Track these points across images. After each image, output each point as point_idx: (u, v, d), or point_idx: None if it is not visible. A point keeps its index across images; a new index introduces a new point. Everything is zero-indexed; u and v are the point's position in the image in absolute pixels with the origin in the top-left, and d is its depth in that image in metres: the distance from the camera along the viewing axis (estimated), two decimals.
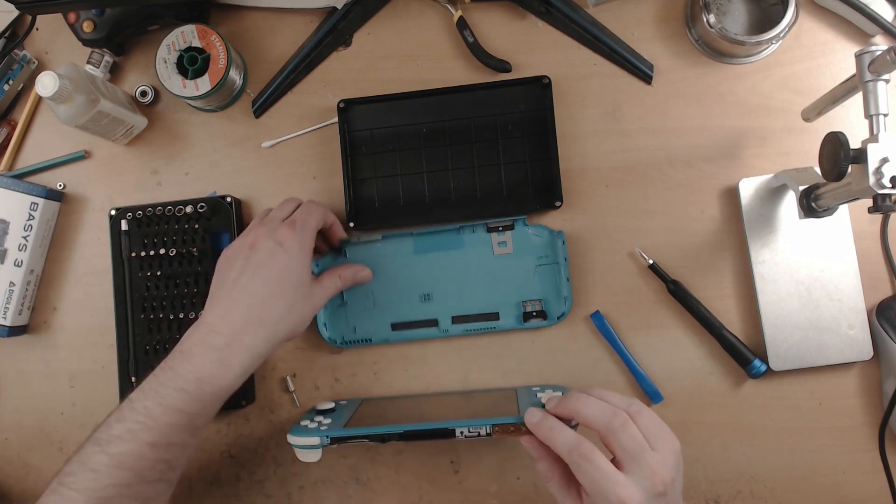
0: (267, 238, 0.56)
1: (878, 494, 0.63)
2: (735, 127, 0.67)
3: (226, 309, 0.55)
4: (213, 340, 0.53)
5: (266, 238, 0.56)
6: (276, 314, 0.55)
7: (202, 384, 0.52)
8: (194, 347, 0.54)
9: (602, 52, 0.68)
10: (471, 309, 0.66)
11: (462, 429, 0.55)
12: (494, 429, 0.55)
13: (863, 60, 0.51)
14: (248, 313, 0.54)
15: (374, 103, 0.68)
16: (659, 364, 0.66)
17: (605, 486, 0.47)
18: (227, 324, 0.54)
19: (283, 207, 0.61)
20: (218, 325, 0.54)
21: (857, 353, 0.63)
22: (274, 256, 0.55)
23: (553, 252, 0.66)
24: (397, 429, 0.56)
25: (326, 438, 0.57)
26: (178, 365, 0.53)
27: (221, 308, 0.55)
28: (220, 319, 0.54)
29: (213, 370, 0.53)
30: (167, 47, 0.66)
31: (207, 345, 0.53)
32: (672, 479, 0.48)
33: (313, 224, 0.59)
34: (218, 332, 0.53)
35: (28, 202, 0.69)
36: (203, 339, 0.54)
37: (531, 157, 0.67)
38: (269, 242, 0.56)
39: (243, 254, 0.56)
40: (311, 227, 0.58)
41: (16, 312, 0.69)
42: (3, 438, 0.72)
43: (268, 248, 0.56)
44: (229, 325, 0.54)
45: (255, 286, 0.55)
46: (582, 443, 0.49)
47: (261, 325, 0.54)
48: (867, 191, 0.49)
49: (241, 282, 0.55)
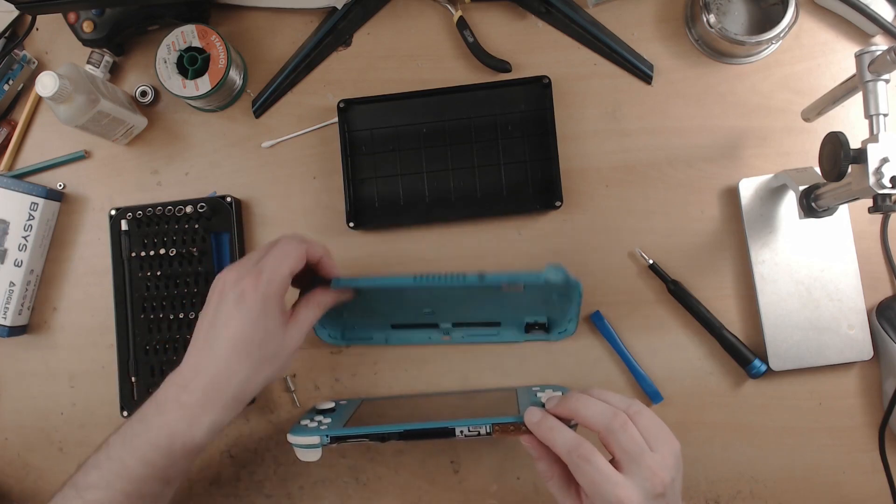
0: (231, 289, 0.53)
1: (878, 494, 0.63)
2: (735, 127, 0.67)
3: (196, 363, 0.53)
4: (185, 398, 0.52)
5: (231, 288, 0.53)
6: (240, 377, 0.53)
7: (173, 440, 0.52)
8: (168, 402, 0.53)
9: (602, 52, 0.68)
10: (473, 319, 0.66)
11: (462, 428, 0.55)
12: (494, 428, 0.55)
13: (863, 60, 0.51)
14: (215, 374, 0.53)
15: (374, 103, 0.68)
16: (659, 364, 0.66)
17: (604, 487, 0.47)
18: (197, 381, 0.53)
19: (264, 246, 0.56)
20: (190, 380, 0.53)
21: (857, 353, 0.63)
22: (234, 314, 0.52)
23: (567, 295, 0.62)
24: (397, 428, 0.56)
25: (326, 438, 0.57)
26: (153, 417, 0.53)
27: (193, 360, 0.54)
28: (192, 374, 0.53)
29: (183, 428, 0.52)
30: (167, 47, 0.66)
31: (179, 401, 0.52)
32: (671, 480, 0.48)
33: (284, 272, 0.54)
34: (189, 390, 0.53)
35: (28, 202, 0.69)
36: (177, 394, 0.53)
37: (531, 157, 0.67)
38: (232, 295, 0.53)
39: (213, 301, 0.54)
40: (280, 275, 0.53)
41: (16, 312, 0.69)
42: (3, 438, 0.72)
43: (229, 301, 0.53)
44: (199, 383, 0.53)
45: (218, 347, 0.53)
46: (581, 443, 0.49)
47: (228, 386, 0.53)
48: (867, 191, 0.49)
49: (210, 336, 0.53)
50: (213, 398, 0.53)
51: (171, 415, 0.52)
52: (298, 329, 0.56)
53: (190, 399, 0.52)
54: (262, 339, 0.53)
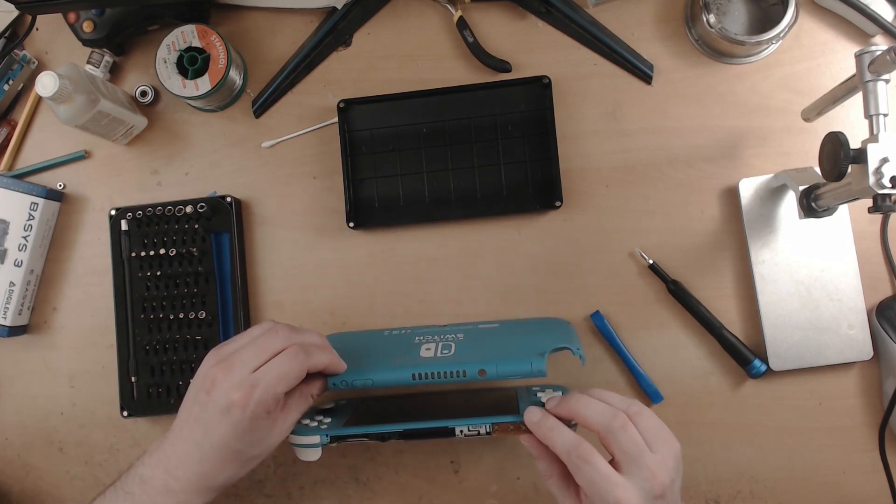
0: (222, 395, 0.50)
1: (878, 494, 0.63)
2: (735, 127, 0.67)
3: (185, 452, 0.52)
4: (172, 484, 0.52)
5: (221, 395, 0.51)
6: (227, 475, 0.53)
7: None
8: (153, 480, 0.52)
9: (602, 52, 0.68)
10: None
11: (462, 428, 0.55)
12: (494, 427, 0.55)
13: (863, 60, 0.51)
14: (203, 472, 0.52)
15: (374, 103, 0.68)
16: (659, 364, 0.66)
17: (604, 488, 0.47)
18: (185, 472, 0.52)
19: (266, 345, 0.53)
20: (177, 468, 0.52)
21: (857, 353, 0.63)
22: (221, 423, 0.51)
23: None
24: (397, 428, 0.56)
25: (326, 437, 0.57)
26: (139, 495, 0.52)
27: (182, 448, 0.53)
28: (179, 463, 0.52)
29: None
30: (167, 47, 0.66)
31: (167, 486, 0.52)
32: (671, 481, 0.48)
33: (279, 392, 0.51)
34: (177, 478, 0.52)
35: (28, 202, 0.69)
36: (162, 476, 0.52)
37: (531, 157, 0.67)
38: (222, 402, 0.50)
39: (200, 395, 0.52)
40: (274, 395, 0.51)
41: (16, 312, 0.69)
42: (3, 438, 0.72)
43: (219, 408, 0.51)
44: (186, 474, 0.52)
45: (206, 447, 0.52)
46: (580, 444, 0.49)
47: (214, 481, 0.53)
48: (867, 191, 0.49)
49: (195, 430, 0.52)
50: (199, 488, 0.53)
51: (157, 498, 0.52)
52: (287, 422, 0.54)
53: (177, 486, 0.52)
54: (248, 446, 0.52)
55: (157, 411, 0.68)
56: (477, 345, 0.61)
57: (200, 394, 0.52)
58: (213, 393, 0.51)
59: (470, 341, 0.62)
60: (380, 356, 0.61)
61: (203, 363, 0.54)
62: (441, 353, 0.59)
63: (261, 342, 0.53)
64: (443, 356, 0.59)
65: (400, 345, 0.63)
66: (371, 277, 0.69)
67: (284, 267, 0.70)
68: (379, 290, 0.69)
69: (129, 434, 0.70)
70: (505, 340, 0.62)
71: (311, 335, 0.56)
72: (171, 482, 0.52)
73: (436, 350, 0.60)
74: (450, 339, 0.62)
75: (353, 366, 0.58)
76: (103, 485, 0.56)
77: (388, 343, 0.65)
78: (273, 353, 0.52)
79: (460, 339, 0.62)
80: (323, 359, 0.55)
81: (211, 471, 0.52)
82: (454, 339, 0.62)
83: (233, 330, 0.68)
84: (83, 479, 0.71)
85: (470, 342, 0.62)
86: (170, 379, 0.67)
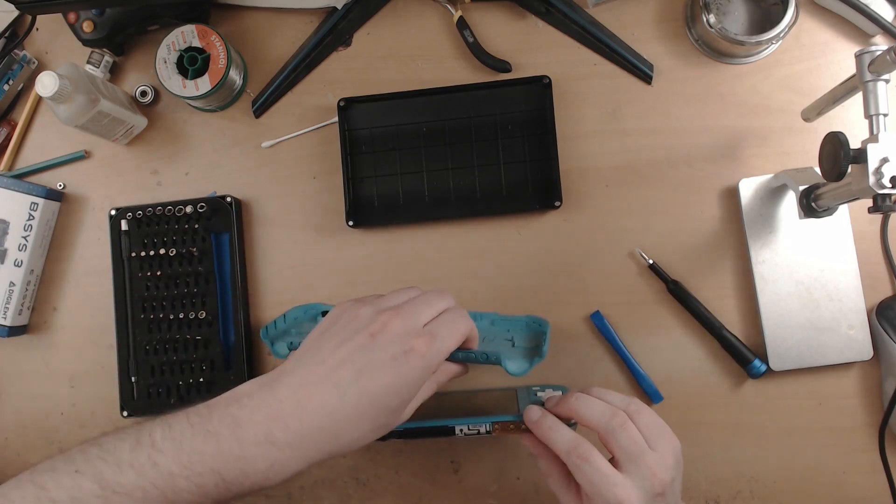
0: (396, 340, 0.45)
1: (878, 494, 0.63)
2: (735, 127, 0.67)
3: (306, 396, 0.44)
4: (276, 433, 0.43)
5: (395, 339, 0.45)
6: (354, 434, 0.45)
7: (243, 478, 0.42)
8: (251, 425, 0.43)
9: (602, 52, 0.68)
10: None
11: (462, 427, 0.55)
12: (494, 427, 0.55)
13: (863, 60, 0.51)
14: (327, 419, 0.44)
15: (375, 102, 0.68)
16: (659, 364, 0.66)
17: (604, 487, 0.47)
18: (299, 419, 0.43)
19: (434, 301, 0.50)
20: (289, 412, 0.43)
21: (857, 353, 0.63)
22: (391, 370, 0.45)
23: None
24: (397, 427, 0.56)
25: None
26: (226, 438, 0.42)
27: (301, 392, 0.44)
28: (294, 406, 0.43)
29: (262, 468, 0.43)
30: (167, 47, 0.66)
31: (267, 434, 0.43)
32: (671, 480, 0.48)
33: (452, 346, 0.48)
34: (285, 425, 0.43)
35: (28, 202, 0.69)
36: (265, 420, 0.43)
37: (531, 156, 0.67)
38: (395, 347, 0.45)
39: (360, 338, 0.46)
40: (448, 349, 0.48)
41: (16, 312, 0.69)
42: (3, 438, 0.72)
43: (390, 353, 0.45)
44: (300, 423, 0.43)
45: (350, 394, 0.44)
46: (580, 443, 0.49)
47: (333, 438, 0.44)
48: (867, 191, 0.49)
49: (341, 374, 0.44)
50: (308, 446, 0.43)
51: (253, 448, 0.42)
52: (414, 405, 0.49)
53: (283, 437, 0.43)
54: (399, 404, 0.46)
55: (157, 411, 0.68)
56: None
57: (361, 336, 0.46)
58: (385, 336, 0.45)
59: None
60: None
61: (350, 309, 0.48)
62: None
63: (428, 298, 0.49)
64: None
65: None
66: (371, 277, 0.69)
67: (284, 267, 0.70)
68: (378, 289, 0.68)
69: None
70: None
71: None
72: (276, 432, 0.43)
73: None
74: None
75: None
76: None
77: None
78: (441, 311, 0.49)
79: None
80: (474, 330, 0.51)
81: (340, 427, 0.44)
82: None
83: (233, 330, 0.68)
84: None
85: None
86: (170, 379, 0.67)
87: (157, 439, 0.42)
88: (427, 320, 0.48)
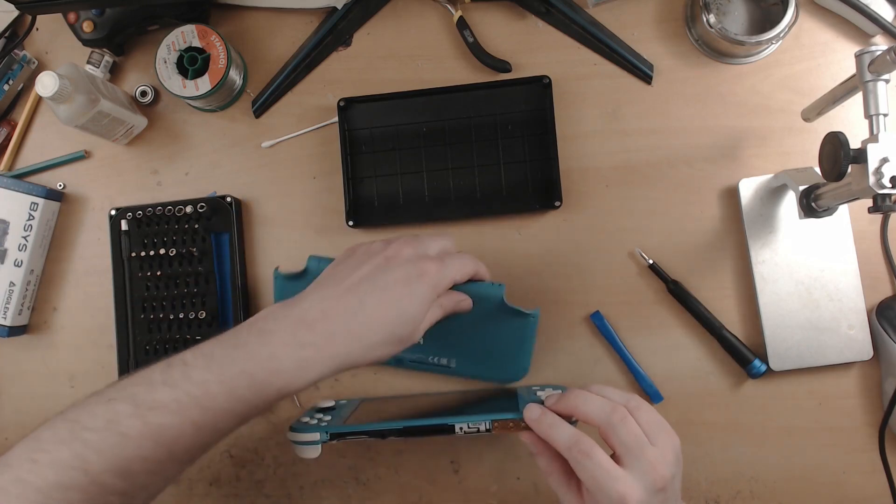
0: (409, 262, 0.50)
1: (878, 494, 0.63)
2: (735, 127, 0.67)
3: (330, 306, 0.49)
4: (302, 335, 0.47)
5: (409, 261, 0.50)
6: (374, 338, 0.49)
7: (273, 377, 0.46)
8: (279, 332, 0.47)
9: (602, 52, 0.68)
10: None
11: (461, 425, 0.55)
12: (494, 425, 0.55)
13: (863, 60, 0.51)
14: (350, 322, 0.48)
15: (375, 102, 0.68)
16: (659, 364, 0.66)
17: (605, 483, 0.46)
18: (323, 322, 0.48)
19: (441, 241, 0.55)
20: (314, 318, 0.48)
21: (857, 353, 0.63)
22: (405, 284, 0.49)
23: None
24: (397, 425, 0.56)
25: (326, 434, 0.57)
26: (255, 344, 0.46)
27: (325, 303, 0.49)
28: (319, 313, 0.48)
29: (290, 367, 0.46)
30: (167, 47, 0.66)
31: (294, 336, 0.47)
32: (671, 476, 0.47)
33: (458, 276, 0.53)
34: (310, 328, 0.47)
35: (28, 202, 0.69)
36: (291, 326, 0.47)
37: (531, 156, 0.67)
38: (409, 267, 0.50)
39: (376, 260, 0.51)
40: (454, 276, 0.53)
41: (16, 312, 0.69)
42: (3, 438, 0.72)
43: (404, 272, 0.50)
44: (325, 325, 0.48)
45: (370, 301, 0.49)
46: (581, 439, 0.49)
47: (356, 340, 0.48)
48: (867, 191, 0.49)
49: (361, 288, 0.49)
50: (333, 346, 0.47)
51: (281, 348, 0.46)
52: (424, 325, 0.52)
53: (308, 338, 0.47)
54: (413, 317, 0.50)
55: None
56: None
57: (377, 258, 0.51)
58: (398, 260, 0.51)
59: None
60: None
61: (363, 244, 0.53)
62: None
63: (440, 240, 0.55)
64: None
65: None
66: None
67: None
68: None
69: None
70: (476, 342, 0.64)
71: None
72: (302, 333, 0.47)
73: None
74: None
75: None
76: None
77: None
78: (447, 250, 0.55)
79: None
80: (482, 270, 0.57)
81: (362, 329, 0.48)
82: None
83: None
84: None
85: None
86: None
87: (188, 358, 0.46)
88: (436, 252, 0.53)
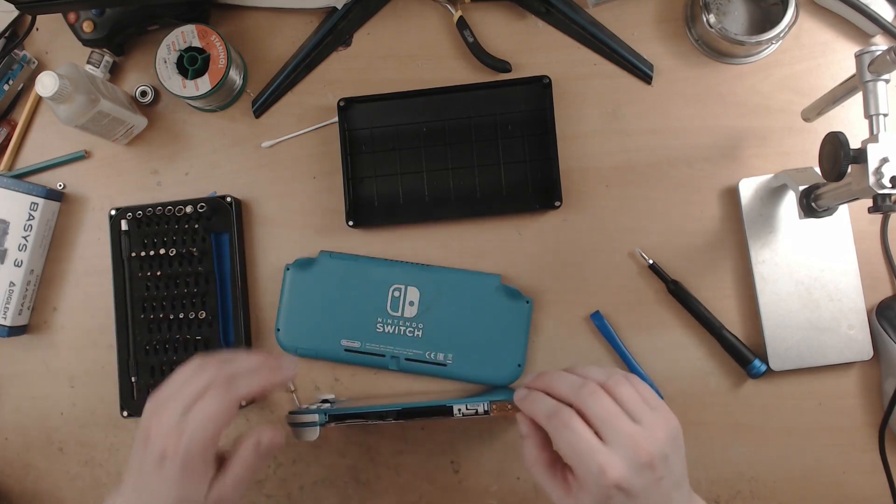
0: (156, 443, 0.48)
1: (878, 494, 0.63)
2: (735, 127, 0.67)
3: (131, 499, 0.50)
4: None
5: (156, 443, 0.48)
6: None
7: None
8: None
9: (602, 52, 0.68)
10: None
11: (460, 406, 0.55)
12: (492, 406, 0.55)
13: (863, 60, 0.51)
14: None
15: (375, 102, 0.68)
16: (659, 364, 0.66)
17: (586, 454, 0.45)
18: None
19: (190, 387, 0.50)
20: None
21: (857, 353, 0.63)
22: (156, 474, 0.48)
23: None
24: (395, 406, 0.56)
25: (324, 415, 0.57)
26: None
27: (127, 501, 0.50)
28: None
29: None
30: (167, 47, 0.66)
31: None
32: (661, 454, 0.46)
33: (208, 434, 0.48)
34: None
35: (28, 202, 0.69)
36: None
37: (531, 156, 0.67)
38: (156, 452, 0.48)
39: (139, 447, 0.49)
40: (201, 440, 0.48)
41: (16, 312, 0.69)
42: (3, 438, 0.72)
43: (153, 458, 0.48)
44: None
45: (144, 501, 0.49)
46: (561, 409, 0.48)
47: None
48: (867, 191, 0.49)
49: (139, 486, 0.50)
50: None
51: None
52: (230, 485, 0.50)
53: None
54: (194, 494, 0.49)
55: None
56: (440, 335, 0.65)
57: (139, 444, 0.50)
58: (148, 443, 0.49)
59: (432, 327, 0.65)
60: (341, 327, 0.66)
61: (144, 410, 0.51)
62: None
63: (189, 383, 0.50)
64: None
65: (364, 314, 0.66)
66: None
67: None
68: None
69: (129, 434, 0.70)
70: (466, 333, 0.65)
71: (244, 360, 0.53)
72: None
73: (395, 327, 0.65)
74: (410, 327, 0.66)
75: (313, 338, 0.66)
76: (103, 485, 0.56)
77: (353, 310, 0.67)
78: (199, 393, 0.49)
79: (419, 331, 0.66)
80: (253, 383, 0.51)
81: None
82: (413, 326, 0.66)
83: (233, 330, 0.68)
84: (83, 479, 0.71)
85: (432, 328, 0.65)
86: None
87: None
88: (185, 411, 0.49)
